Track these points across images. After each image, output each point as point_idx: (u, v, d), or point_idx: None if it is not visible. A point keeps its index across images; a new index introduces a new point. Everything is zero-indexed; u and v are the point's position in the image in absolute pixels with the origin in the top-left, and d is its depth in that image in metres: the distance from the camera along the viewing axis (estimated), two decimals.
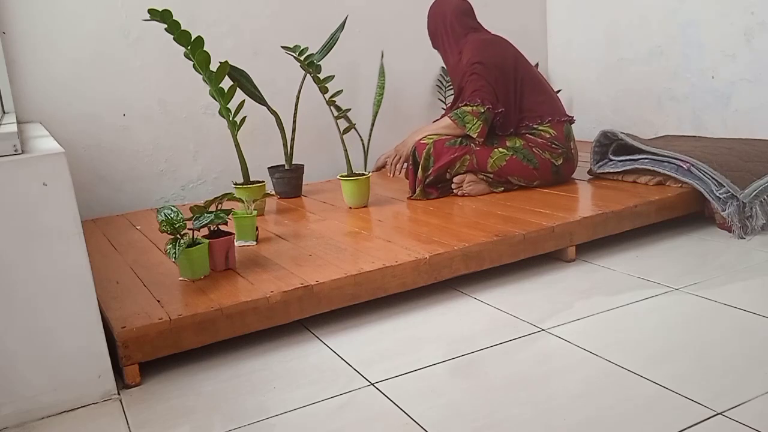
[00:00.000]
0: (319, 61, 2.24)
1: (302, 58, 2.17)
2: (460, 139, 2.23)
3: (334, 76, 2.21)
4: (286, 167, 2.43)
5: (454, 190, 2.26)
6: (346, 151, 2.24)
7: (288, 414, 1.20)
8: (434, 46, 2.49)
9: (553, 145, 2.25)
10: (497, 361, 1.35)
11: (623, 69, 3.08)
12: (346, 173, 2.23)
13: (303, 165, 2.49)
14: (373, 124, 2.37)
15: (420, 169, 2.22)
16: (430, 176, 2.22)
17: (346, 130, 2.23)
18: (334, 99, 2.19)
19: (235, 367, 1.39)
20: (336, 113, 2.18)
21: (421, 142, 2.24)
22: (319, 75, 2.19)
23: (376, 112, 2.37)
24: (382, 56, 2.53)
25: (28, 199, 1.18)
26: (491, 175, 2.24)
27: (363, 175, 2.20)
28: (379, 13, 2.95)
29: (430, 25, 2.46)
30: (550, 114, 2.28)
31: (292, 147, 2.41)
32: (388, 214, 2.11)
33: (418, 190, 2.24)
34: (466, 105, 2.23)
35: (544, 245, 1.84)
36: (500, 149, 2.23)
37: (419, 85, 3.11)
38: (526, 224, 1.86)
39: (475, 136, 2.20)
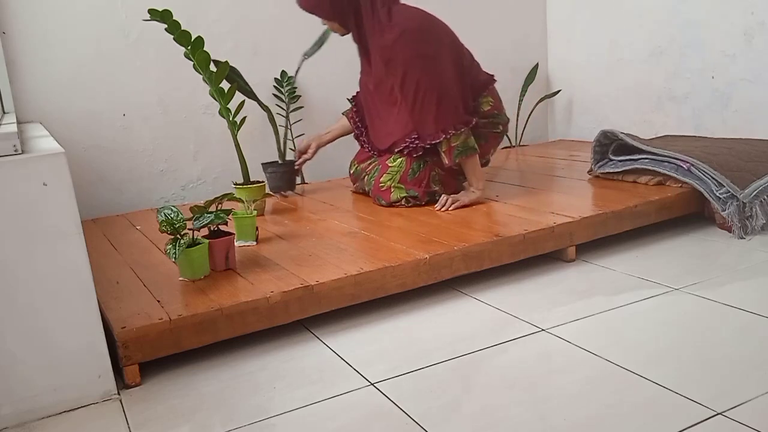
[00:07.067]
0: (310, 56, 2.29)
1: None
2: (414, 165, 2.13)
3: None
4: (279, 162, 2.43)
5: (438, 208, 2.10)
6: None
7: (288, 414, 1.20)
8: (329, 18, 2.10)
9: (494, 115, 2.18)
10: (497, 361, 1.35)
11: (623, 69, 3.08)
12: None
13: (294, 160, 2.48)
14: None
15: (405, 202, 2.16)
16: (421, 202, 2.15)
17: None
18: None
19: (235, 367, 1.39)
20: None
21: (382, 189, 2.15)
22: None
23: None
24: None
25: (28, 199, 1.18)
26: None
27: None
28: None
29: None
30: (485, 82, 2.17)
31: (285, 143, 2.42)
32: (388, 214, 2.11)
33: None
34: (446, 139, 2.03)
35: (544, 245, 1.84)
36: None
37: None
38: (526, 224, 1.86)
39: (478, 149, 2.09)
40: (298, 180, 2.57)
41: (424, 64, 2.01)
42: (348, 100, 2.40)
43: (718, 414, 1.10)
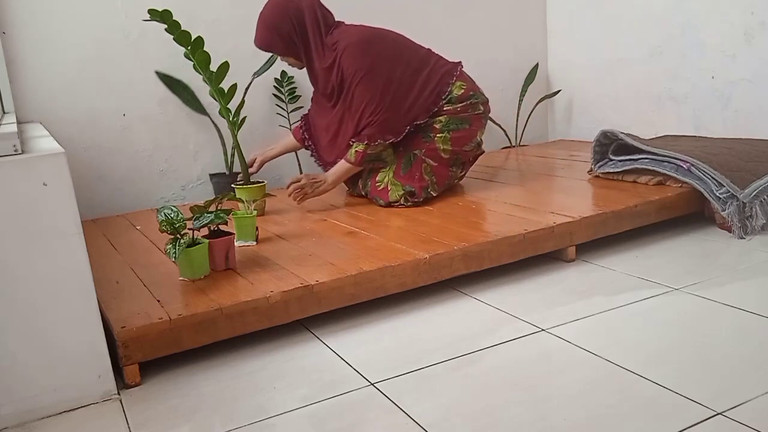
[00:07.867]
0: (260, 75, 2.49)
1: None
2: (405, 159, 2.18)
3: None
4: (226, 173, 2.54)
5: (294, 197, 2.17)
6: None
7: (288, 414, 1.20)
8: (284, 54, 2.20)
9: (471, 97, 2.21)
10: (497, 361, 1.35)
11: (623, 69, 3.08)
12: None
13: (237, 173, 2.46)
14: None
15: (404, 201, 2.17)
16: (419, 199, 2.17)
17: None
18: None
19: (235, 367, 1.39)
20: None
21: (379, 189, 2.19)
22: None
23: None
24: None
25: (28, 199, 1.18)
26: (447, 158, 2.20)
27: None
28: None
29: (283, 26, 2.11)
30: (450, 70, 2.22)
31: (233, 155, 2.53)
32: (388, 214, 2.11)
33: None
34: (364, 144, 2.11)
35: (544, 245, 1.84)
36: (438, 135, 2.18)
37: None
38: (526, 224, 1.86)
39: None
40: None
41: (361, 78, 2.10)
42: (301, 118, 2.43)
43: (718, 414, 1.10)
